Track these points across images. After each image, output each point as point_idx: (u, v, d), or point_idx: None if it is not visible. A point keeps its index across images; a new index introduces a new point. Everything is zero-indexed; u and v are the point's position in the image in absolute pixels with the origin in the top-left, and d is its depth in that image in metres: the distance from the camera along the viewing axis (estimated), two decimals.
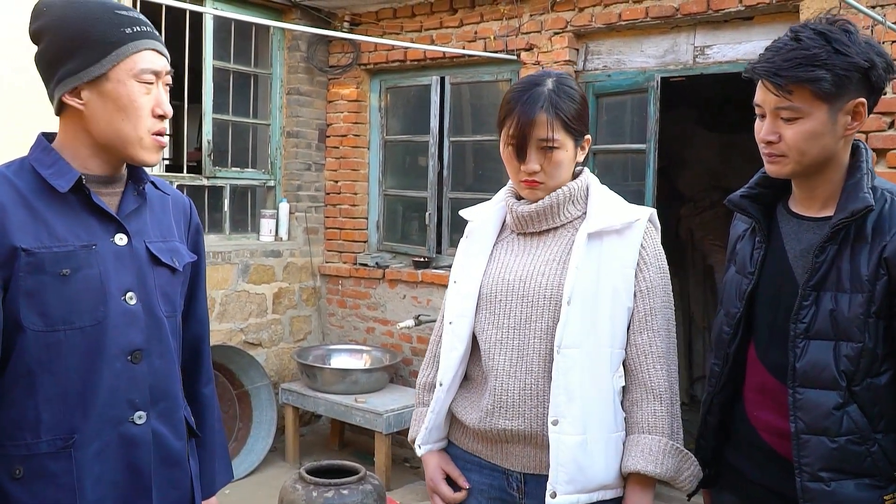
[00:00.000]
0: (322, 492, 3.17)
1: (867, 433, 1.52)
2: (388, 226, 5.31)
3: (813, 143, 1.54)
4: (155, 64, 1.45)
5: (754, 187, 1.72)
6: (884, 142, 3.28)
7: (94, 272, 1.42)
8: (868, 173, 1.55)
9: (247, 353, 4.65)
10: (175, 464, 1.55)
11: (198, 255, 1.68)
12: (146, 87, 1.44)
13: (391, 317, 4.98)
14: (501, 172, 4.72)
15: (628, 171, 4.28)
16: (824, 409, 1.54)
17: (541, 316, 1.73)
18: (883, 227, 1.51)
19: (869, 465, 1.53)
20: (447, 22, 4.69)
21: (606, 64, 4.23)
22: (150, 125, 1.45)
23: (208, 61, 4.72)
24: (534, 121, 1.70)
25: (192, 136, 6.87)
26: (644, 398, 1.72)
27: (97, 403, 1.42)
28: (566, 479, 1.66)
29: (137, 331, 1.46)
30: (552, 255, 1.78)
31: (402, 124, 5.21)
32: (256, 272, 4.89)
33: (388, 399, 4.43)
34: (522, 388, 1.73)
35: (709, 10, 3.76)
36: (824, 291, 1.56)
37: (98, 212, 1.45)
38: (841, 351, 1.53)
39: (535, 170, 1.74)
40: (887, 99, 3.25)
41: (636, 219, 1.76)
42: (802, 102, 1.51)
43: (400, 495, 4.18)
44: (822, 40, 1.48)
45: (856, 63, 1.47)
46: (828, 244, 1.55)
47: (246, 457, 4.55)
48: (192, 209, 1.71)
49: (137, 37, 1.42)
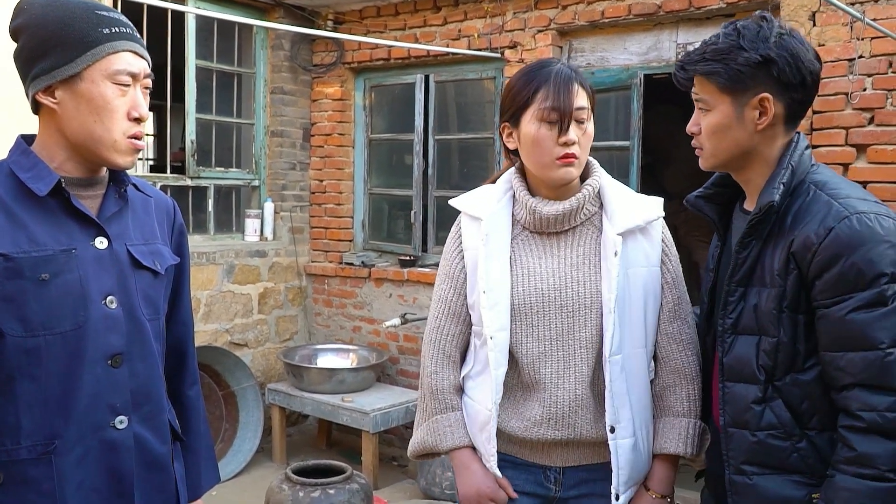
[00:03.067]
0: (308, 492, 3.17)
1: (792, 429, 1.51)
2: (373, 224, 5.30)
3: (721, 136, 1.57)
4: (132, 66, 1.43)
5: (710, 187, 1.75)
6: (864, 137, 3.31)
7: (74, 276, 1.40)
8: (787, 168, 1.54)
9: (232, 353, 4.63)
10: (159, 468, 1.53)
11: (181, 257, 1.66)
12: (121, 88, 1.41)
13: (377, 315, 4.98)
14: (486, 170, 4.73)
15: (613, 168, 4.29)
16: (745, 402, 1.56)
17: (583, 325, 1.73)
18: (798, 221, 1.51)
19: (796, 462, 1.52)
20: (431, 20, 4.69)
21: (590, 61, 4.24)
22: (125, 128, 1.43)
23: (191, 61, 4.70)
24: (572, 89, 1.68)
25: (175, 136, 6.83)
26: (678, 383, 1.78)
27: (78, 409, 1.40)
28: (625, 479, 1.73)
29: (118, 335, 1.45)
30: (580, 259, 1.76)
31: (386, 123, 5.21)
32: (241, 272, 4.87)
33: (375, 398, 4.43)
34: (573, 399, 1.73)
35: (691, 7, 3.78)
36: (751, 287, 1.57)
37: (78, 215, 1.43)
38: (761, 346, 1.54)
39: (574, 140, 1.69)
40: (867, 95, 3.28)
41: (658, 216, 1.78)
42: (708, 95, 1.57)
43: (388, 494, 4.17)
44: (735, 35, 1.52)
45: (749, 58, 1.49)
46: (749, 240, 1.57)
47: (233, 458, 4.53)
48: (175, 210, 1.69)
49: (115, 37, 1.40)
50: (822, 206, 1.48)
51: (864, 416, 1.41)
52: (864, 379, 1.41)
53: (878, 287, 1.41)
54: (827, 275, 1.44)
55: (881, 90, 3.27)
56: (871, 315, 1.41)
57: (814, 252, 1.45)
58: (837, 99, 3.36)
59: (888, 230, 1.43)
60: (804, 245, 1.47)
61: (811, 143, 3.41)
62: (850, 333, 1.42)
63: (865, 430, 1.41)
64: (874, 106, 3.28)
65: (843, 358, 1.44)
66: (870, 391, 1.41)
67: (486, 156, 4.77)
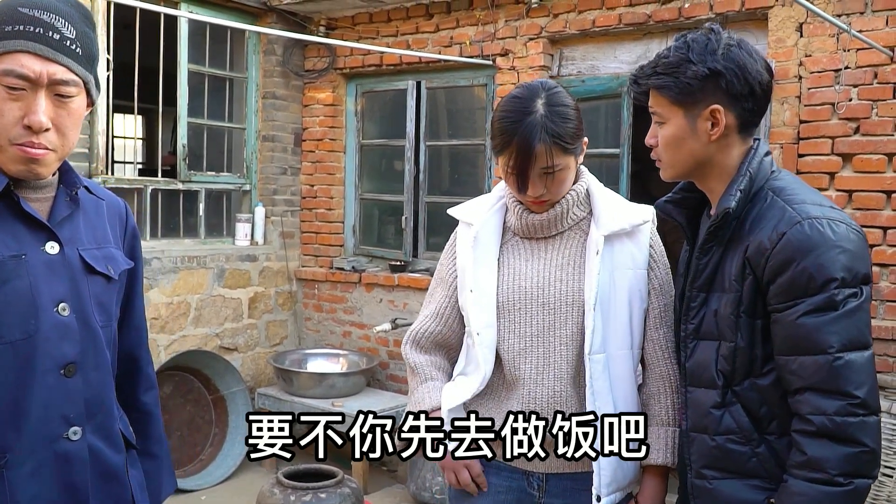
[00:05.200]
0: (300, 496, 3.18)
1: (750, 433, 1.53)
2: (364, 230, 5.32)
3: (677, 148, 1.60)
4: (27, 68, 1.29)
5: (678, 192, 1.77)
6: (850, 146, 3.37)
7: (24, 283, 1.33)
8: (746, 175, 1.55)
9: (222, 357, 4.63)
10: (113, 478, 1.49)
11: (134, 261, 1.60)
12: (12, 92, 1.30)
13: (367, 321, 4.99)
14: (477, 176, 4.76)
15: (602, 175, 4.30)
16: (705, 407, 1.58)
17: (564, 323, 1.76)
18: (754, 227, 1.53)
19: (755, 466, 1.53)
20: (423, 27, 4.72)
21: (580, 69, 4.29)
22: (13, 135, 1.31)
23: (183, 65, 4.70)
24: (533, 154, 1.68)
25: (165, 140, 6.83)
26: (664, 391, 1.80)
27: (30, 420, 1.34)
28: (607, 482, 1.73)
29: (71, 343, 1.39)
30: (565, 260, 1.80)
31: (378, 128, 5.23)
32: (232, 277, 4.87)
33: (366, 402, 4.43)
34: (552, 395, 1.76)
35: (680, 17, 3.83)
36: (712, 292, 1.59)
37: (27, 219, 1.36)
38: (720, 351, 1.56)
39: (539, 194, 1.74)
40: (853, 105, 3.34)
41: (645, 220, 1.81)
42: (662, 108, 1.60)
43: (377, 499, 4.18)
44: (685, 49, 1.55)
45: (697, 71, 1.52)
46: (709, 245, 1.59)
47: (222, 462, 4.53)
48: (127, 213, 1.62)
49: (14, 36, 1.29)
50: (777, 212, 1.51)
51: (814, 420, 1.43)
52: (814, 383, 1.43)
53: (828, 292, 1.42)
54: (780, 279, 1.47)
55: (867, 100, 3.32)
56: (821, 319, 1.43)
57: (767, 257, 1.48)
58: (824, 109, 3.42)
59: (840, 235, 1.45)
60: (758, 250, 1.49)
61: (798, 152, 3.47)
62: (802, 337, 1.44)
63: (815, 434, 1.43)
64: (860, 116, 3.34)
65: (796, 361, 1.46)
66: (820, 395, 1.43)
67: (476, 162, 4.80)
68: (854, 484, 1.41)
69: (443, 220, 4.90)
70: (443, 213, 5.02)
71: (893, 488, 2.34)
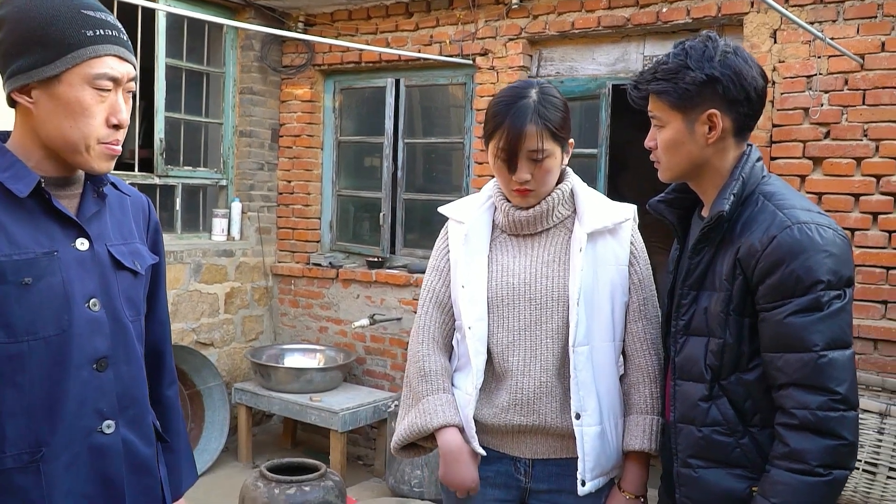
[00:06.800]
0: (284, 489, 3.20)
1: (735, 425, 1.61)
2: (341, 226, 5.33)
3: (675, 151, 1.67)
4: (114, 70, 1.37)
5: (671, 192, 1.85)
6: (820, 150, 3.48)
7: (57, 280, 1.36)
8: (738, 179, 1.63)
9: (199, 352, 4.62)
10: (146, 471, 1.52)
11: (158, 256, 1.64)
12: (101, 93, 1.36)
13: (344, 316, 5.01)
14: (454, 174, 4.81)
15: (580, 175, 4.37)
16: (692, 400, 1.66)
17: (550, 317, 1.84)
18: (745, 229, 1.60)
19: (739, 457, 1.61)
20: (403, 25, 4.75)
21: (559, 70, 4.36)
22: (102, 134, 1.38)
23: (161, 59, 4.67)
24: (523, 133, 1.76)
25: (141, 134, 6.74)
26: (641, 381, 1.87)
27: (64, 415, 1.37)
28: (591, 467, 1.80)
29: (102, 338, 1.42)
30: (551, 256, 1.87)
31: (355, 125, 5.25)
32: (208, 272, 4.86)
33: (343, 397, 4.47)
34: (538, 385, 1.83)
35: (658, 21, 3.91)
36: (703, 290, 1.67)
37: (58, 216, 1.39)
38: (709, 346, 1.64)
39: (526, 179, 1.81)
40: (824, 110, 3.45)
41: (626, 218, 1.88)
42: (661, 112, 1.67)
43: (356, 492, 4.22)
44: (683, 55, 1.63)
45: (695, 77, 1.60)
46: (701, 246, 1.67)
47: (199, 457, 4.51)
48: (150, 209, 1.66)
49: (99, 40, 1.35)
50: (767, 216, 1.58)
51: (797, 414, 1.50)
52: (798, 379, 1.51)
53: (814, 293, 1.50)
54: (769, 280, 1.54)
55: (837, 106, 3.44)
56: (806, 319, 1.50)
57: (757, 259, 1.55)
58: (796, 113, 3.53)
59: (827, 240, 1.53)
60: (749, 252, 1.57)
61: (771, 155, 3.58)
62: (788, 336, 1.52)
63: (798, 427, 1.50)
64: (830, 121, 3.45)
65: (781, 359, 1.53)
66: (804, 390, 1.50)
67: (454, 160, 4.85)
68: (833, 475, 1.49)
69: (421, 217, 4.94)
70: (420, 210, 5.08)
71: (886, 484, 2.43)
